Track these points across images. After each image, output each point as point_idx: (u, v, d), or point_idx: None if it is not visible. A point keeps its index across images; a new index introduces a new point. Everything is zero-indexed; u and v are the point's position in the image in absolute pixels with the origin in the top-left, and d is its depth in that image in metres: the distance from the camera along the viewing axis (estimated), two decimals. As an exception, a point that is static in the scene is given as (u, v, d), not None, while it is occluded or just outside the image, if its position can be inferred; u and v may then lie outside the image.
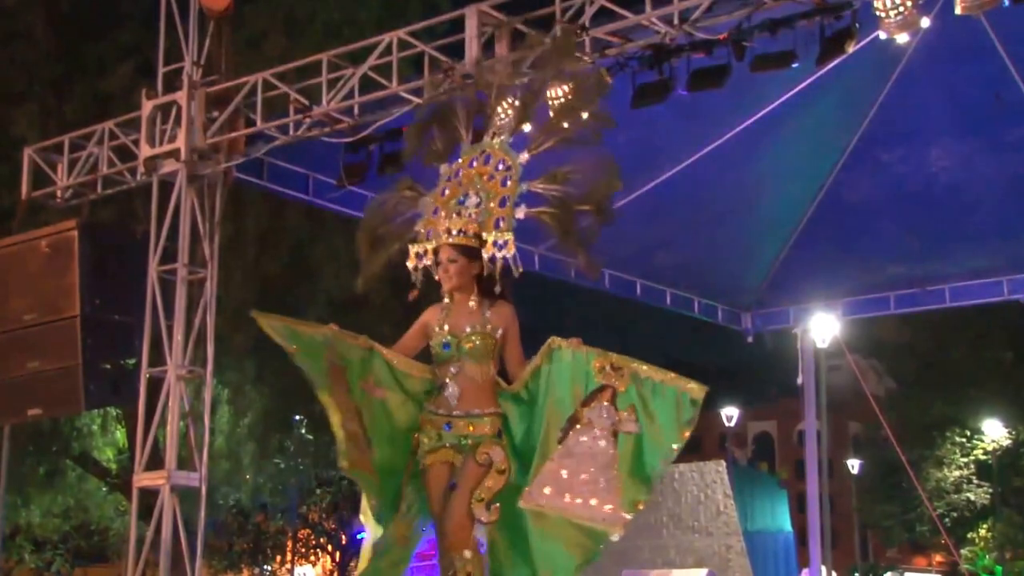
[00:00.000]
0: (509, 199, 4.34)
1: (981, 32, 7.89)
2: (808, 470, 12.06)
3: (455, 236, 4.23)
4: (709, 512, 14.06)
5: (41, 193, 8.93)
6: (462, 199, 4.33)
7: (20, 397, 8.33)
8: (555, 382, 4.08)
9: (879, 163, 9.82)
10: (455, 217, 4.28)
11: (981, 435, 24.02)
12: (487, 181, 4.35)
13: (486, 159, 4.37)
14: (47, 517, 16.70)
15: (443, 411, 4.18)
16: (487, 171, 4.37)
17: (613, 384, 3.91)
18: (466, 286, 4.23)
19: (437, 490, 4.09)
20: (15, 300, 8.29)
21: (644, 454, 3.89)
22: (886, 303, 11.67)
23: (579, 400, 3.95)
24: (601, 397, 3.91)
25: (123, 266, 8.16)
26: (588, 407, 3.90)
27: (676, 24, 6.56)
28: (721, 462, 14.84)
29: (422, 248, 4.34)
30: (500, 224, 4.32)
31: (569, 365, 4.05)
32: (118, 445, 15.41)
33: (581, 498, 3.85)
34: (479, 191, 4.33)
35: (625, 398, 3.92)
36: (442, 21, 7.48)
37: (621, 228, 10.64)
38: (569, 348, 4.09)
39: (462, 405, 4.14)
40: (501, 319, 4.23)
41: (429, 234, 4.34)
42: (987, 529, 24.40)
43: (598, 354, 4.02)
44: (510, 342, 4.25)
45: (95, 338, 7.99)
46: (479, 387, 4.15)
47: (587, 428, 3.88)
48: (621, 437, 3.87)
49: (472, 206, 4.30)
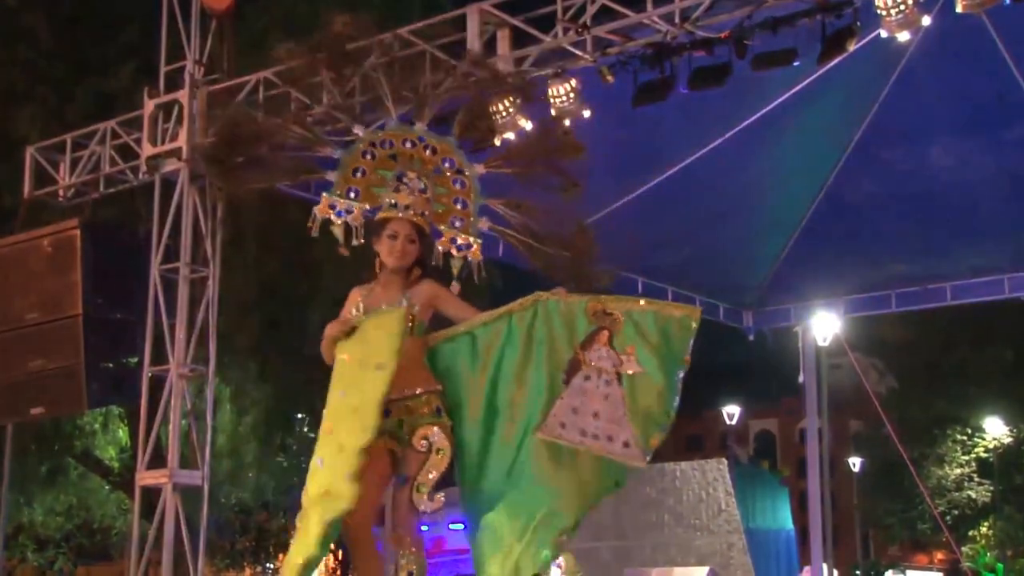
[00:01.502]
0: (469, 205, 4.28)
1: (982, 30, 7.88)
2: (810, 468, 12.06)
3: (415, 216, 4.05)
4: (711, 510, 14.07)
5: (43, 192, 8.95)
6: (399, 174, 4.17)
7: (23, 396, 8.35)
8: (548, 328, 3.93)
9: (880, 161, 9.81)
10: (403, 192, 4.09)
11: (982, 433, 24.01)
12: (433, 172, 4.25)
13: (426, 146, 4.29)
14: (49, 516, 16.72)
15: None
16: (430, 160, 4.28)
17: (608, 326, 3.84)
18: (405, 267, 4.05)
19: (373, 479, 3.81)
20: (17, 299, 8.31)
21: (652, 391, 3.80)
22: (887, 301, 11.67)
23: (576, 344, 3.86)
24: (599, 340, 3.83)
25: (125, 265, 8.17)
26: (588, 350, 3.83)
27: (677, 22, 6.56)
28: (723, 460, 14.87)
29: (346, 204, 4.18)
30: (457, 224, 4.25)
31: (559, 312, 3.93)
32: (120, 444, 15.41)
33: (597, 434, 3.78)
34: (421, 175, 4.18)
35: (622, 338, 3.82)
36: (444, 20, 7.47)
37: (623, 226, 10.70)
38: (555, 298, 3.97)
39: (394, 388, 3.84)
40: (421, 294, 4.02)
41: (355, 193, 4.19)
42: (988, 527, 24.38)
43: (589, 298, 3.95)
44: (447, 306, 4.07)
45: (97, 337, 8.01)
46: (404, 368, 3.84)
47: (590, 370, 3.81)
48: (625, 377, 3.80)
49: (416, 188, 4.12)
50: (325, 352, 4.02)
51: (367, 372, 3.78)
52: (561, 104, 6.98)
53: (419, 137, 4.30)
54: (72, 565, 21.05)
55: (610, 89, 6.92)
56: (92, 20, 12.00)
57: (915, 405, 23.60)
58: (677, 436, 51.24)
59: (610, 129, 7.88)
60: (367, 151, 4.26)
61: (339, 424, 3.79)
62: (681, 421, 15.76)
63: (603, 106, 7.10)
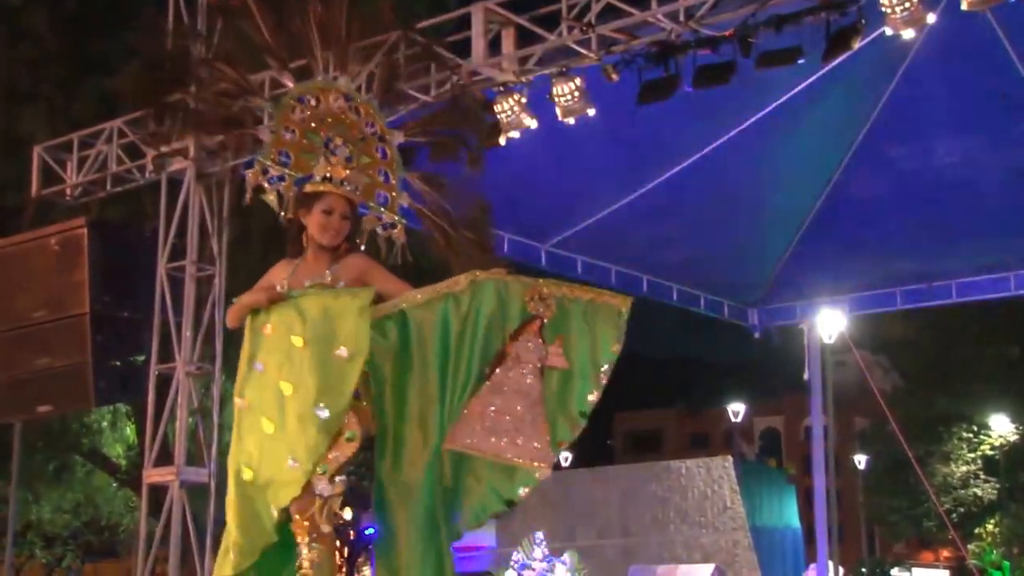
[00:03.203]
0: (392, 178, 3.97)
1: (987, 28, 7.86)
2: (815, 465, 12.04)
3: (350, 192, 3.80)
4: (716, 507, 14.07)
5: (50, 191, 8.97)
6: (327, 140, 3.88)
7: (30, 394, 8.38)
8: (482, 313, 3.67)
9: (885, 159, 9.78)
10: (334, 163, 3.82)
11: (988, 430, 23.92)
12: (357, 138, 3.93)
13: (351, 106, 3.95)
14: (57, 513, 16.79)
15: None
16: (354, 122, 3.94)
17: (541, 314, 3.67)
18: (337, 244, 3.80)
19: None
20: (25, 297, 8.33)
21: (573, 389, 3.65)
22: (892, 299, 11.65)
23: (508, 334, 3.66)
24: (529, 329, 3.66)
25: (132, 263, 8.19)
26: (516, 341, 3.65)
27: (682, 21, 6.56)
28: (728, 458, 14.86)
29: (279, 171, 3.87)
30: (382, 199, 3.93)
31: (495, 295, 3.67)
32: (128, 441, 15.46)
33: (508, 437, 3.61)
34: (347, 142, 3.89)
35: (553, 327, 3.65)
36: (448, 19, 7.48)
37: (627, 224, 10.68)
38: (491, 279, 3.68)
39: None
40: (348, 270, 3.76)
41: (286, 157, 3.88)
42: (994, 524, 24.30)
43: (526, 284, 3.69)
44: (378, 282, 3.76)
45: (104, 335, 8.03)
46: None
47: (514, 363, 3.65)
48: (547, 372, 3.64)
49: (343, 157, 3.85)
50: (234, 317, 3.79)
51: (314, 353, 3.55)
52: (566, 103, 6.98)
53: (345, 95, 3.96)
54: (80, 562, 21.12)
55: (615, 87, 6.91)
56: (96, 18, 12.02)
57: (920, 402, 23.53)
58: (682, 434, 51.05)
59: (615, 127, 7.88)
60: (295, 107, 3.93)
61: (262, 401, 3.58)
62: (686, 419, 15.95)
63: (608, 105, 7.10)
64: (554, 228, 10.01)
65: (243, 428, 3.63)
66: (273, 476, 3.53)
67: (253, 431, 3.60)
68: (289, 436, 3.53)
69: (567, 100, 6.95)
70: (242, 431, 3.64)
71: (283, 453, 3.52)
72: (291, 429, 3.53)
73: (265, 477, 3.55)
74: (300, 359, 3.57)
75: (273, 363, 3.62)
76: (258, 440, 3.58)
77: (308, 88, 3.97)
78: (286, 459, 3.51)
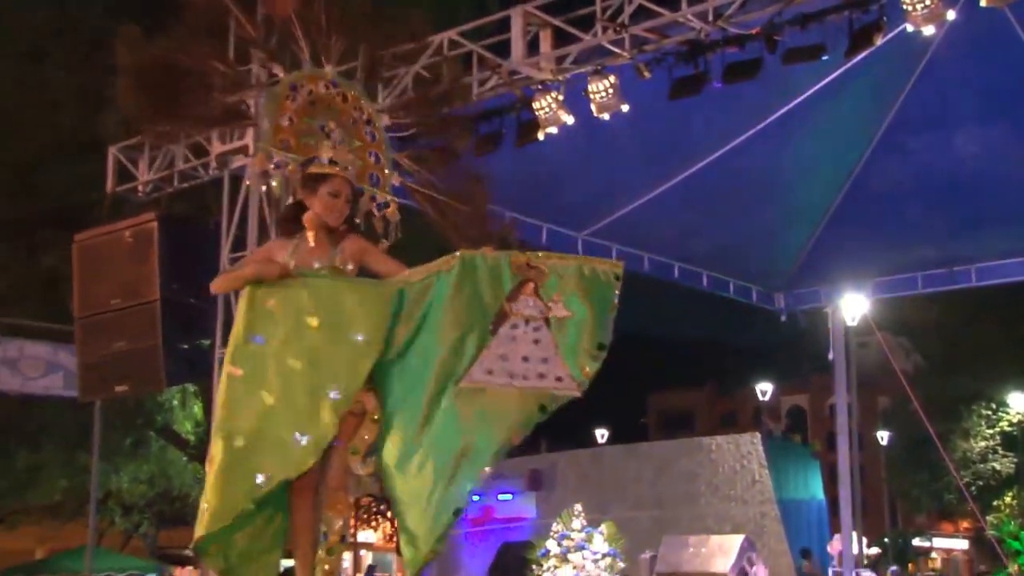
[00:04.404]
0: (382, 159, 3.92)
1: (1005, 23, 7.71)
2: (839, 442, 11.92)
3: (352, 175, 3.73)
4: (745, 482, 13.98)
5: (124, 188, 9.07)
6: (321, 125, 3.83)
7: (108, 375, 8.48)
8: (474, 284, 3.59)
9: (906, 150, 9.65)
10: (335, 147, 3.74)
11: (1006, 407, 23.65)
12: (348, 122, 3.88)
13: (339, 93, 3.90)
14: (134, 484, 17.04)
15: None
16: (343, 107, 3.89)
17: (533, 278, 3.60)
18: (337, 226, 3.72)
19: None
20: (102, 286, 8.43)
21: (582, 329, 3.57)
22: (914, 283, 11.51)
23: (503, 297, 3.58)
24: (525, 291, 3.59)
25: (198, 254, 8.25)
26: (515, 302, 3.58)
27: (711, 20, 6.49)
28: (756, 434, 14.77)
29: (282, 156, 3.77)
30: (374, 180, 3.88)
31: (484, 268, 3.59)
32: (196, 419, 15.67)
33: (527, 375, 3.53)
34: (339, 126, 3.84)
35: (547, 288, 3.59)
36: (490, 22, 7.44)
37: (659, 214, 10.59)
38: (478, 254, 3.62)
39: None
40: (351, 252, 3.66)
41: (286, 145, 3.79)
42: (1012, 496, 24.05)
43: (513, 255, 3.62)
44: (375, 262, 3.70)
45: (173, 320, 8.10)
46: None
47: (518, 319, 3.58)
48: (553, 320, 3.56)
49: (337, 140, 3.79)
50: (228, 283, 3.71)
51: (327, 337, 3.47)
52: (601, 99, 6.93)
53: (332, 82, 3.89)
54: (155, 528, 21.45)
55: (647, 85, 6.85)
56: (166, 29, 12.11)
57: (941, 382, 23.26)
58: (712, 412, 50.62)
59: (647, 122, 7.81)
60: (288, 95, 3.86)
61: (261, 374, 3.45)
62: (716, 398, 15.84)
63: (641, 101, 7.04)
64: (590, 218, 9.97)
65: (235, 397, 3.47)
66: (273, 448, 3.39)
67: (249, 402, 3.44)
68: (297, 411, 3.42)
69: (602, 97, 6.91)
70: (234, 400, 3.46)
71: (287, 427, 3.41)
72: (300, 405, 3.43)
73: (260, 447, 3.39)
74: (312, 339, 3.48)
75: (277, 338, 3.50)
76: (255, 411, 3.43)
77: (298, 77, 3.89)
78: (291, 433, 3.40)
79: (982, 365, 23.08)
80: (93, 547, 13.47)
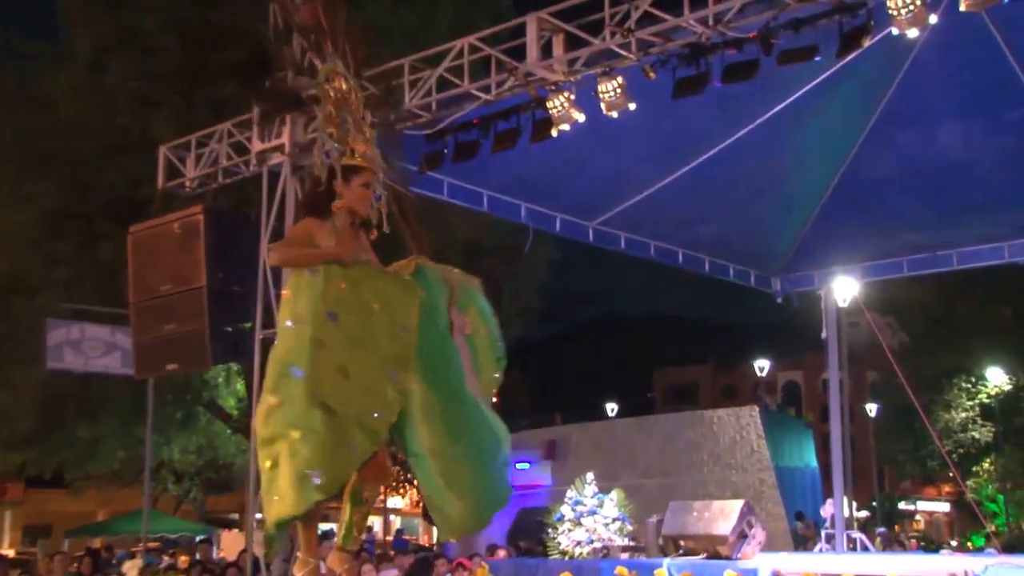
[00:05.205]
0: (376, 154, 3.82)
1: (983, 26, 7.65)
2: (831, 414, 11.91)
3: (379, 170, 3.64)
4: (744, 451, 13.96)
5: (173, 184, 9.12)
6: (343, 118, 3.67)
7: (160, 355, 8.55)
8: (434, 292, 3.59)
9: (893, 143, 9.59)
10: (364, 143, 3.64)
11: (985, 381, 23.55)
12: (358, 117, 3.71)
13: (349, 88, 3.73)
14: (184, 454, 17.19)
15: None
16: (355, 103, 3.72)
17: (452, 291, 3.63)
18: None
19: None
20: (155, 273, 8.50)
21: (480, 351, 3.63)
22: (900, 267, 11.47)
23: (450, 308, 3.61)
24: (450, 303, 3.63)
25: (240, 244, 8.29)
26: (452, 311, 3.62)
27: (711, 25, 6.45)
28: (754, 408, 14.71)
29: (330, 144, 3.62)
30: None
31: (434, 277, 3.61)
32: (238, 395, 15.76)
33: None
34: (353, 121, 3.68)
35: (460, 303, 3.63)
36: (506, 28, 7.43)
37: (664, 204, 10.55)
38: (425, 263, 3.62)
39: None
40: (368, 244, 3.67)
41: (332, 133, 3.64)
42: (990, 463, 24.01)
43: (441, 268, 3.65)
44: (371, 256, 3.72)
45: (218, 305, 8.15)
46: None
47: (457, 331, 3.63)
48: (468, 339, 3.61)
49: (355, 134, 3.66)
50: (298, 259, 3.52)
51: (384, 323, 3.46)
52: (609, 98, 6.91)
53: (345, 76, 3.71)
54: (203, 494, 21.65)
55: (652, 85, 6.83)
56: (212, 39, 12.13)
57: (925, 357, 23.15)
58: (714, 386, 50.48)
59: (653, 120, 7.78)
60: (325, 87, 3.70)
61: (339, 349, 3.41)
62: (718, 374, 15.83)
63: (647, 100, 7.02)
64: (600, 208, 9.96)
65: (321, 367, 3.39)
66: (358, 422, 3.38)
67: (332, 374, 3.40)
68: (368, 390, 3.41)
69: (610, 96, 6.89)
70: (320, 370, 3.39)
71: (364, 403, 3.40)
72: (369, 384, 3.42)
73: (349, 421, 3.37)
74: (374, 323, 3.47)
75: (350, 318, 3.45)
76: (337, 384, 3.39)
77: (327, 70, 3.74)
78: (369, 410, 3.40)
79: (963, 342, 22.99)
80: (149, 511, 13.63)
